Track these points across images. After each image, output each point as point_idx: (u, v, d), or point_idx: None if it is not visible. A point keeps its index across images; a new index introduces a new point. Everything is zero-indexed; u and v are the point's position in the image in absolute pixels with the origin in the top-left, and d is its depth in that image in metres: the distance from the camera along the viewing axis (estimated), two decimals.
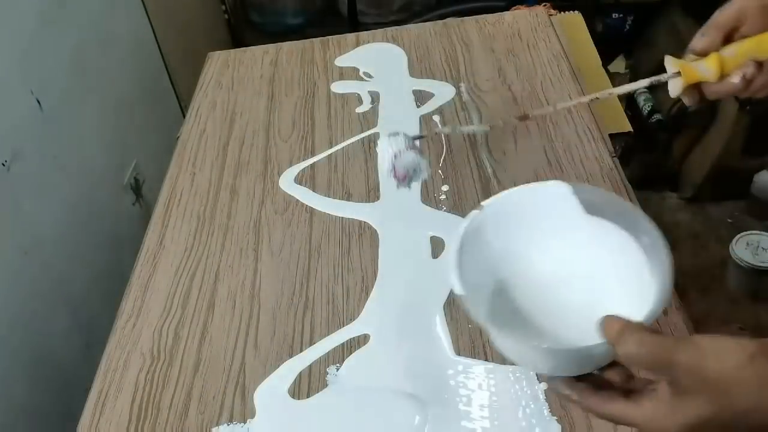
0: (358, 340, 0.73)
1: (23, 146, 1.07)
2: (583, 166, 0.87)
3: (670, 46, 2.03)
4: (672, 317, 0.68)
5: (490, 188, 0.86)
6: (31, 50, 1.12)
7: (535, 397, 0.64)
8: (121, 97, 1.45)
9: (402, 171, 0.70)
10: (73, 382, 1.10)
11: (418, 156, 0.70)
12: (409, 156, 0.69)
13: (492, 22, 1.17)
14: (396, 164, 0.70)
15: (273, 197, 0.91)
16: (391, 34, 1.19)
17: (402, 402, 0.67)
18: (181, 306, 0.80)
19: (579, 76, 1.03)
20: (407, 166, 0.70)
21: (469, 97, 1.01)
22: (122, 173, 1.42)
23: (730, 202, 1.85)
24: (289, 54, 1.19)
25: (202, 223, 0.89)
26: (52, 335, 1.11)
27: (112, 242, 1.33)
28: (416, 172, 0.70)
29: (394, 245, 0.83)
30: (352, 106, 1.05)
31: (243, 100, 1.10)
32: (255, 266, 0.82)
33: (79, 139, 1.25)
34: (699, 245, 1.78)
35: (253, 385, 0.71)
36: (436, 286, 0.76)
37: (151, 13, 1.63)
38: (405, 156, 0.69)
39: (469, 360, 0.69)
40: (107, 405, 0.71)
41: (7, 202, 1.02)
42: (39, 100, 1.12)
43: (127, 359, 0.75)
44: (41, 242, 1.09)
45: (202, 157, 1.00)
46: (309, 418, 0.68)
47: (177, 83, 1.75)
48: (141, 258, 0.86)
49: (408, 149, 0.69)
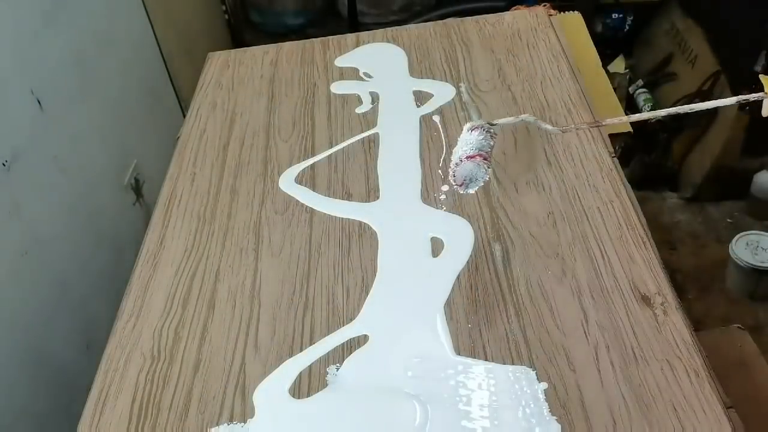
0: (358, 340, 0.73)
1: (23, 146, 1.07)
2: (583, 166, 0.87)
3: (669, 46, 2.03)
4: (672, 317, 0.68)
5: (490, 188, 0.86)
6: (31, 50, 1.12)
7: (535, 397, 0.64)
8: (121, 97, 1.45)
9: (461, 178, 0.70)
10: (73, 382, 1.10)
11: (478, 165, 0.70)
12: (469, 165, 0.70)
13: (492, 22, 1.17)
14: (456, 171, 0.70)
15: (273, 197, 0.91)
16: (391, 34, 1.19)
17: (402, 402, 0.67)
18: (182, 306, 0.80)
19: (579, 76, 1.03)
20: (467, 174, 0.70)
21: (469, 97, 1.01)
22: (122, 173, 1.42)
23: (730, 202, 1.85)
24: (289, 54, 1.19)
25: (202, 223, 0.89)
26: (52, 335, 1.11)
27: (112, 242, 1.33)
28: (474, 180, 0.70)
29: (394, 245, 0.83)
30: (352, 106, 1.05)
31: (243, 100, 1.10)
32: (255, 266, 0.82)
33: (79, 139, 1.26)
34: (699, 245, 1.78)
35: (253, 384, 0.71)
36: (436, 286, 0.77)
37: (151, 13, 1.63)
38: (465, 164, 0.69)
39: (469, 360, 0.69)
40: (107, 405, 0.71)
41: (7, 202, 1.02)
42: (39, 100, 1.12)
43: (127, 359, 0.75)
44: (41, 242, 1.09)
45: (202, 157, 1.00)
46: (308, 417, 0.68)
47: (177, 83, 1.75)
48: (141, 258, 0.86)
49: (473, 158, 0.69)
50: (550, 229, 0.80)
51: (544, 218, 0.81)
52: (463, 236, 0.82)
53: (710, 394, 0.61)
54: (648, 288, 0.71)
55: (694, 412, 0.61)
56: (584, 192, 0.83)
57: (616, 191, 0.82)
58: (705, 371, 0.63)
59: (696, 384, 0.62)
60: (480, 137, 0.71)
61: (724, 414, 0.60)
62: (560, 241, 0.78)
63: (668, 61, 2.03)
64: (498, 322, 0.72)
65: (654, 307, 0.69)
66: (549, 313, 0.72)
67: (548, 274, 0.75)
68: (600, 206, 0.81)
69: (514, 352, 0.69)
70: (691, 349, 0.65)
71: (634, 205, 0.81)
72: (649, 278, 0.72)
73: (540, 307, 0.72)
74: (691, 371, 0.63)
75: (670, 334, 0.66)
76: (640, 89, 2.03)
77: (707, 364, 0.64)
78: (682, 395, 0.62)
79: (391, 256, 0.82)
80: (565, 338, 0.69)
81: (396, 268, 0.80)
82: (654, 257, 0.74)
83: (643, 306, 0.69)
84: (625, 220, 0.79)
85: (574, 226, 0.79)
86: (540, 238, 0.79)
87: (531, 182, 0.86)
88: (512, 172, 0.88)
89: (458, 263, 0.79)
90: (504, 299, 0.74)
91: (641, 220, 0.79)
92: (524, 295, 0.74)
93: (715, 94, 1.78)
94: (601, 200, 0.81)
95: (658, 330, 0.67)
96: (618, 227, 0.78)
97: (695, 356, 0.64)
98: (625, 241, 0.76)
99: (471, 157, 0.69)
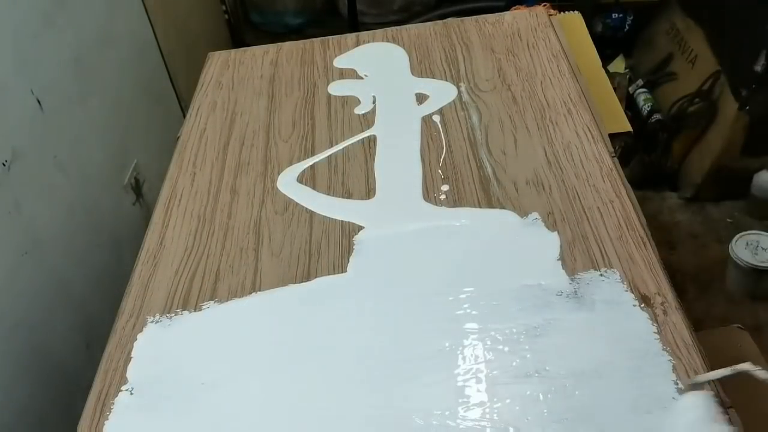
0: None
1: (23, 146, 1.07)
2: (583, 166, 0.87)
3: (669, 46, 2.03)
4: (672, 317, 0.68)
5: (490, 188, 0.86)
6: (31, 50, 1.12)
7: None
8: (121, 97, 1.45)
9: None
10: (73, 382, 1.10)
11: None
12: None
13: (492, 22, 1.17)
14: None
15: (273, 197, 0.91)
16: (391, 34, 1.19)
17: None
18: (182, 306, 0.79)
19: (579, 76, 1.03)
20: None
21: (469, 97, 1.01)
22: (122, 173, 1.43)
23: (730, 202, 1.85)
24: (289, 54, 1.19)
25: (202, 223, 0.89)
26: (52, 335, 1.11)
27: (112, 242, 1.33)
28: None
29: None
30: (352, 107, 1.05)
31: (243, 100, 1.10)
32: (255, 266, 0.82)
33: (79, 139, 1.26)
34: (699, 245, 1.78)
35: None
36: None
37: (151, 13, 1.63)
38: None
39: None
40: (107, 405, 0.71)
41: (7, 202, 1.02)
42: (39, 100, 1.12)
43: (127, 359, 0.75)
44: (41, 242, 1.09)
45: (203, 157, 1.00)
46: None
47: (177, 83, 1.76)
48: (141, 258, 0.86)
49: None
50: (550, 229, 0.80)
51: (544, 218, 0.81)
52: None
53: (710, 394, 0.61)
54: (648, 288, 0.71)
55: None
56: (584, 192, 0.83)
57: (616, 191, 0.82)
58: (705, 371, 0.63)
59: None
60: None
61: (724, 414, 0.60)
62: (560, 241, 0.78)
63: (668, 61, 2.03)
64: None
65: (654, 307, 0.69)
66: None
67: None
68: (600, 206, 0.81)
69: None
70: (691, 349, 0.65)
71: (634, 205, 0.81)
72: (649, 278, 0.72)
73: None
74: (691, 371, 0.63)
75: (670, 334, 0.66)
76: (640, 89, 2.03)
77: (707, 364, 0.64)
78: (682, 395, 0.62)
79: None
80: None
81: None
82: (654, 257, 0.74)
83: (643, 306, 0.69)
84: (625, 220, 0.79)
85: (574, 226, 0.79)
86: None
87: (531, 182, 0.86)
88: (512, 172, 0.88)
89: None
90: None
91: (641, 220, 0.79)
92: None
93: (715, 94, 1.79)
94: (601, 200, 0.81)
95: (658, 330, 0.67)
96: (618, 227, 0.78)
97: (695, 356, 0.64)
98: (625, 241, 0.76)
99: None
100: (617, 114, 1.22)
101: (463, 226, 0.80)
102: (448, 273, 0.75)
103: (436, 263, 0.76)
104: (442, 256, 0.77)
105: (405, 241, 0.80)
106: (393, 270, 0.77)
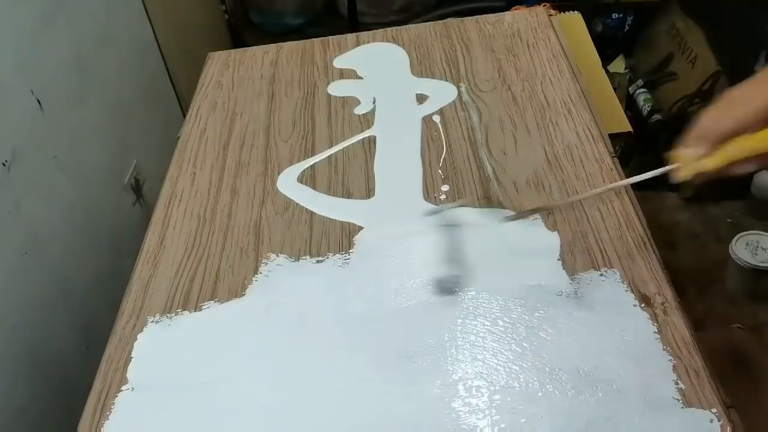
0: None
1: (23, 146, 1.07)
2: (583, 166, 0.87)
3: (669, 46, 2.03)
4: (672, 317, 0.68)
5: (490, 188, 0.86)
6: (31, 50, 1.12)
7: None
8: (121, 97, 1.45)
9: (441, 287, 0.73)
10: (73, 382, 1.10)
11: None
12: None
13: (492, 22, 1.17)
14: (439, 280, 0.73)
15: (273, 197, 0.91)
16: (391, 34, 1.19)
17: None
18: (182, 306, 0.79)
19: (579, 76, 1.03)
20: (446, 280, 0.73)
21: (469, 97, 1.02)
22: (122, 173, 1.43)
23: (730, 202, 1.85)
24: (289, 54, 1.19)
25: (202, 223, 0.89)
26: (52, 335, 1.11)
27: (112, 242, 1.33)
28: (456, 286, 0.73)
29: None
30: (352, 107, 1.05)
31: (243, 100, 1.10)
32: (255, 266, 0.82)
33: (79, 139, 1.26)
34: (699, 245, 1.78)
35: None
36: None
37: (151, 13, 1.63)
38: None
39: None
40: (107, 405, 0.71)
41: (7, 202, 1.02)
42: (39, 100, 1.12)
43: (127, 359, 0.75)
44: (41, 242, 1.09)
45: (203, 157, 1.00)
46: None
47: (177, 83, 1.76)
48: (141, 258, 0.86)
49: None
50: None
51: (544, 218, 0.81)
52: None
53: (710, 394, 0.61)
54: (648, 288, 0.71)
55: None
56: (584, 192, 0.83)
57: (616, 191, 0.82)
58: (705, 371, 0.63)
59: (696, 384, 0.62)
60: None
61: (724, 414, 0.60)
62: (560, 241, 0.78)
63: (668, 61, 2.03)
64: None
65: (654, 307, 0.69)
66: None
67: None
68: (600, 206, 0.81)
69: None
70: (691, 349, 0.65)
71: (634, 205, 0.81)
72: (649, 278, 0.72)
73: None
74: (691, 371, 0.63)
75: (670, 334, 0.66)
76: (640, 89, 2.03)
77: (707, 364, 0.64)
78: (682, 395, 0.62)
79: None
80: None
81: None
82: (654, 257, 0.74)
83: (644, 306, 0.69)
84: (625, 220, 0.79)
85: (574, 226, 0.79)
86: None
87: (531, 182, 0.86)
88: (512, 172, 0.88)
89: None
90: None
91: (641, 220, 0.79)
92: None
93: (715, 94, 1.79)
94: (601, 200, 0.81)
95: (659, 330, 0.67)
96: (618, 227, 0.78)
97: (695, 356, 0.64)
98: (625, 241, 0.76)
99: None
100: (617, 114, 1.22)
101: (463, 225, 0.80)
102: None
103: (436, 263, 0.76)
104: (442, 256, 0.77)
105: (405, 240, 0.80)
106: (393, 270, 0.77)
